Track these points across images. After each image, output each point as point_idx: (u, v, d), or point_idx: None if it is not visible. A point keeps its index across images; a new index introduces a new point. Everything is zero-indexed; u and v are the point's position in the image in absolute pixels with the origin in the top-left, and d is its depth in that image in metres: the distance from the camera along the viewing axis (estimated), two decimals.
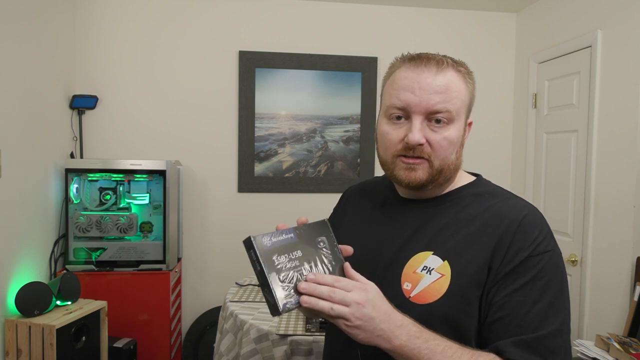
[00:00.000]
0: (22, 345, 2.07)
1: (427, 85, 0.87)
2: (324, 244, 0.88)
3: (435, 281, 0.86)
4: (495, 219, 0.88)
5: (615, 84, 2.36)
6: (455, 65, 0.91)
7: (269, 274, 0.77)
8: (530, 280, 0.83)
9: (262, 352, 1.80)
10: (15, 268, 2.22)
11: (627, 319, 2.12)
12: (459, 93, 0.89)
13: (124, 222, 2.57)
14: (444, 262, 0.87)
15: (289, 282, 0.79)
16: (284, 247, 0.82)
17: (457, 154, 0.92)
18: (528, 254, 0.84)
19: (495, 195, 0.94)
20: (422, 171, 0.89)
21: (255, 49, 3.08)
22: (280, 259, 0.80)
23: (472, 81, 0.95)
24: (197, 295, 3.12)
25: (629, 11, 2.29)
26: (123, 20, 2.97)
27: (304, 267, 0.82)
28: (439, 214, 0.93)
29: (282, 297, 0.77)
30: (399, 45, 3.24)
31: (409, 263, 0.90)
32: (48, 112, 2.57)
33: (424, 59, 0.89)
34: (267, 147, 3.14)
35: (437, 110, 0.86)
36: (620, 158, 2.32)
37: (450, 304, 0.84)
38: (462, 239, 0.88)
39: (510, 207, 0.90)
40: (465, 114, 0.93)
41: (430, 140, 0.87)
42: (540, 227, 0.87)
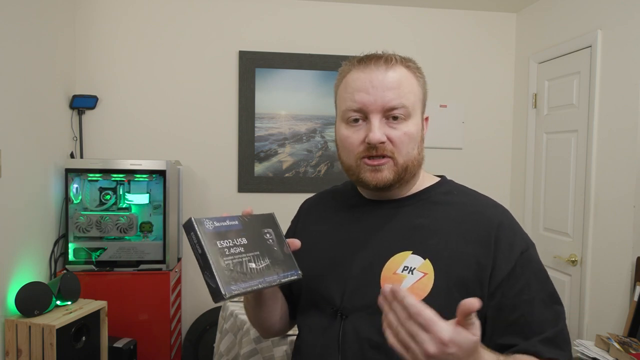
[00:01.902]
0: (22, 345, 2.07)
1: (379, 83, 0.87)
2: (270, 235, 0.85)
3: (419, 280, 0.84)
4: (475, 217, 0.90)
5: (615, 84, 2.36)
6: (403, 61, 0.91)
7: (211, 257, 0.73)
8: (530, 277, 0.85)
9: (262, 352, 1.80)
10: (15, 268, 2.22)
11: (627, 319, 2.12)
12: (412, 87, 0.90)
13: (124, 222, 2.56)
14: (426, 260, 0.86)
15: (234, 267, 0.75)
16: (228, 232, 0.78)
17: (419, 149, 0.92)
18: (521, 251, 0.86)
19: (464, 193, 0.96)
20: (388, 171, 0.88)
21: (255, 49, 3.08)
22: (224, 243, 0.76)
23: (422, 76, 0.94)
24: (197, 295, 3.12)
25: (629, 11, 2.29)
26: (123, 20, 2.97)
27: (249, 255, 0.79)
28: (411, 213, 0.93)
29: (225, 282, 0.72)
30: (399, 45, 3.23)
31: (387, 265, 0.87)
32: (48, 112, 2.57)
33: (373, 59, 0.90)
34: (267, 147, 3.14)
35: (393, 106, 0.87)
36: (620, 158, 2.32)
37: (436, 302, 0.78)
38: (440, 237, 0.88)
39: (484, 205, 0.93)
40: (421, 108, 0.93)
41: (391, 137, 0.87)
42: (516, 223, 0.92)
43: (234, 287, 0.73)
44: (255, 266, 0.79)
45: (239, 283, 0.74)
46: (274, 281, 0.81)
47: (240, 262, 0.77)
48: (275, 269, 0.82)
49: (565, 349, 0.85)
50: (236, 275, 0.75)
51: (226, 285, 0.73)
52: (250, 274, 0.77)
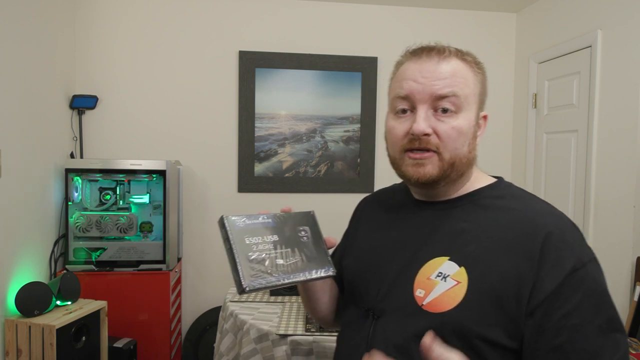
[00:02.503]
0: (22, 345, 2.07)
1: (429, 73, 0.83)
2: (305, 233, 0.86)
3: (451, 289, 0.79)
4: (523, 225, 0.80)
5: (615, 84, 2.36)
6: (459, 54, 0.87)
7: (237, 252, 0.76)
8: (582, 298, 0.74)
9: (262, 352, 1.80)
10: (15, 268, 2.22)
11: (627, 319, 2.12)
12: (466, 80, 0.84)
13: (124, 222, 2.56)
14: (461, 268, 0.80)
15: (258, 262, 0.77)
16: (259, 229, 0.80)
17: (470, 147, 0.85)
18: (572, 268, 0.75)
19: (519, 198, 0.87)
20: (432, 165, 0.83)
21: (255, 49, 3.08)
22: (252, 240, 0.78)
23: (481, 71, 0.89)
24: (197, 295, 3.12)
25: (629, 11, 2.29)
26: (123, 20, 2.97)
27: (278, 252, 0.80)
28: (456, 216, 0.87)
29: (248, 275, 0.75)
30: (399, 45, 3.22)
31: (422, 269, 0.83)
32: (48, 112, 2.57)
33: (426, 50, 0.87)
34: (267, 147, 3.14)
35: (443, 94, 0.82)
36: (620, 158, 2.32)
37: (465, 314, 0.76)
38: (482, 245, 0.81)
39: (538, 212, 0.82)
40: (477, 104, 0.86)
41: (437, 131, 0.82)
42: (577, 235, 0.79)
43: (256, 281, 0.76)
44: (283, 262, 0.81)
45: (263, 278, 0.77)
46: (302, 277, 0.82)
47: (267, 258, 0.79)
48: (306, 265, 0.83)
49: None
50: (261, 270, 0.77)
51: (248, 280, 0.76)
52: (276, 269, 0.79)
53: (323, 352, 1.69)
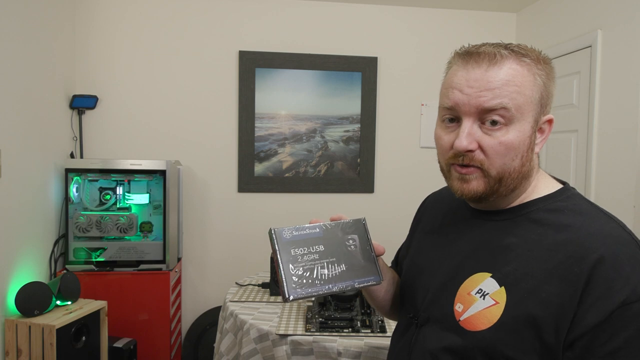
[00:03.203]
0: (22, 345, 2.07)
1: (475, 82, 0.76)
2: (353, 241, 0.85)
3: (488, 308, 0.75)
4: (573, 247, 0.72)
5: (615, 84, 2.36)
6: (516, 55, 0.78)
7: (282, 263, 0.79)
8: (633, 336, 0.66)
9: (262, 352, 1.80)
10: (15, 268, 2.22)
11: None
12: (521, 87, 0.75)
13: (124, 222, 2.56)
14: (501, 288, 0.75)
15: (303, 272, 0.80)
16: (305, 240, 0.82)
17: (523, 160, 0.77)
18: (623, 300, 0.66)
19: (578, 213, 0.77)
20: (477, 182, 0.78)
21: (255, 49, 3.08)
22: (298, 251, 0.81)
23: (543, 72, 0.79)
24: (197, 295, 3.12)
25: (629, 11, 2.29)
26: (123, 20, 2.97)
27: (323, 262, 0.82)
28: (505, 230, 0.81)
29: (292, 286, 0.78)
30: (399, 45, 3.24)
31: (465, 283, 0.80)
32: (48, 112, 2.57)
33: (474, 54, 0.78)
34: (267, 147, 3.14)
35: (490, 107, 0.74)
36: (620, 158, 2.32)
37: (498, 337, 0.73)
38: (525, 264, 0.75)
39: (596, 231, 0.73)
40: (535, 110, 0.77)
41: (483, 146, 0.76)
42: (630, 262, 0.69)
43: (299, 291, 0.79)
44: (327, 272, 0.82)
45: (305, 288, 0.79)
46: (346, 287, 0.83)
47: (312, 269, 0.81)
48: (351, 274, 0.84)
49: None
50: (304, 280, 0.80)
51: (291, 290, 0.79)
52: (320, 279, 0.82)
53: (323, 352, 1.69)
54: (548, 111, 0.80)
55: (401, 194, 3.24)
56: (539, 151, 0.81)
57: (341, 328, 1.73)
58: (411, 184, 3.23)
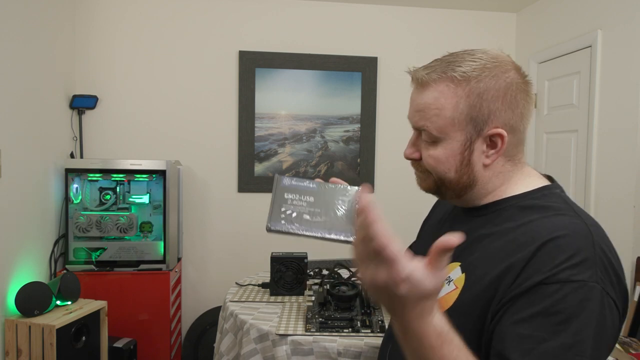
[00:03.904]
0: (22, 345, 2.07)
1: (412, 102, 0.87)
2: (342, 203, 0.90)
3: (448, 293, 0.81)
4: (526, 236, 0.76)
5: (615, 84, 2.36)
6: (445, 78, 0.81)
7: (274, 202, 0.86)
8: (541, 313, 0.68)
9: (263, 352, 1.80)
10: (15, 268, 2.22)
11: (627, 319, 2.12)
12: (441, 110, 0.81)
13: (124, 222, 2.56)
14: (462, 274, 0.82)
15: (289, 213, 0.87)
16: (300, 190, 0.89)
17: (461, 173, 0.83)
18: (542, 279, 0.69)
19: (546, 209, 0.80)
20: (427, 181, 0.90)
21: (255, 49, 3.08)
22: (290, 196, 0.88)
23: (486, 88, 0.82)
24: (197, 295, 3.12)
25: (629, 11, 2.29)
26: (123, 20, 2.97)
27: (308, 209, 0.89)
28: (480, 224, 0.87)
29: (275, 219, 0.85)
30: (399, 45, 3.24)
31: None
32: (48, 112, 2.57)
33: (413, 76, 0.86)
34: (267, 147, 3.14)
35: (419, 127, 0.85)
36: (620, 158, 2.32)
37: (451, 319, 0.72)
38: (484, 254, 0.81)
39: (551, 224, 0.76)
40: (464, 129, 0.81)
41: (422, 156, 0.88)
42: (576, 252, 0.71)
43: (279, 226, 0.86)
44: (309, 218, 0.89)
45: (286, 225, 0.87)
46: (320, 235, 0.89)
47: (298, 213, 0.89)
48: (328, 226, 0.91)
49: None
50: (287, 219, 0.87)
51: (273, 222, 0.86)
52: (300, 222, 0.89)
53: (323, 352, 1.69)
54: (496, 125, 0.82)
55: (401, 194, 3.24)
56: (490, 163, 0.83)
57: (341, 328, 1.73)
58: (411, 184, 3.20)
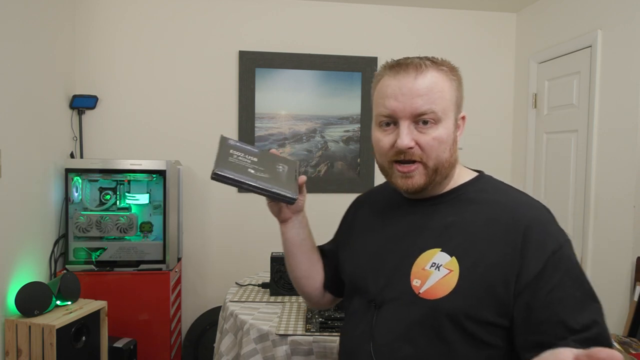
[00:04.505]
0: (22, 345, 2.07)
1: (408, 90, 0.89)
2: (282, 168, 0.98)
3: (444, 277, 0.87)
4: (505, 213, 0.89)
5: (615, 84, 2.36)
6: (436, 65, 0.91)
7: (219, 155, 0.94)
8: (563, 276, 0.83)
9: (262, 352, 1.80)
10: (15, 268, 2.22)
11: (627, 319, 2.12)
12: (443, 92, 0.90)
13: (124, 222, 2.56)
14: (452, 258, 0.88)
15: (234, 163, 0.93)
16: (245, 150, 0.97)
17: (451, 151, 0.93)
18: (552, 251, 0.84)
19: (500, 191, 0.96)
20: (419, 176, 0.91)
21: (255, 49, 3.08)
22: (235, 153, 0.95)
23: (457, 77, 0.94)
24: (197, 295, 3.12)
25: (629, 11, 2.29)
26: (123, 20, 2.97)
27: (252, 166, 0.95)
28: (444, 211, 0.95)
29: (221, 166, 0.92)
30: (399, 45, 3.24)
31: (417, 260, 0.91)
32: (48, 112, 2.57)
33: (403, 65, 0.91)
34: (267, 147, 3.14)
35: (422, 112, 0.88)
36: (620, 158, 2.32)
37: (458, 299, 0.85)
38: (469, 235, 0.89)
39: (518, 202, 0.92)
40: (454, 110, 0.93)
41: (419, 142, 0.90)
42: (551, 221, 0.89)
43: (226, 172, 0.90)
44: (253, 172, 0.95)
45: (232, 172, 0.91)
46: (264, 187, 0.95)
47: (242, 164, 0.94)
48: (272, 182, 0.97)
49: (605, 342, 0.82)
50: (232, 167, 0.93)
51: (219, 167, 0.89)
52: (245, 173, 0.94)
53: (323, 352, 1.69)
54: (461, 110, 0.97)
55: None
56: (459, 144, 0.96)
57: None
58: None
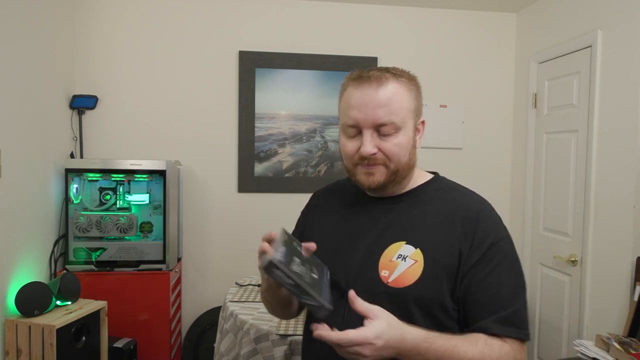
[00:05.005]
0: (22, 345, 2.07)
1: (370, 102, 0.97)
2: (315, 273, 0.95)
3: (410, 267, 0.97)
4: (458, 209, 1.02)
5: (615, 84, 2.36)
6: (396, 76, 1.00)
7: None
8: (498, 264, 0.97)
9: (262, 352, 1.81)
10: (15, 268, 2.22)
11: (627, 319, 2.12)
12: (402, 102, 0.98)
13: (124, 222, 2.56)
14: (417, 249, 0.98)
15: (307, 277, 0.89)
16: (292, 256, 0.90)
17: (410, 155, 1.02)
18: (491, 242, 0.98)
19: (454, 189, 1.08)
20: (380, 174, 1.00)
21: (255, 49, 3.08)
22: (295, 267, 0.89)
23: (415, 87, 1.03)
24: (197, 295, 3.12)
25: (629, 11, 2.29)
26: (123, 20, 2.97)
27: (310, 270, 0.92)
28: (407, 208, 1.05)
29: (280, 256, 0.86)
30: (399, 45, 3.24)
31: (384, 253, 1.00)
32: (48, 112, 2.57)
33: (365, 77, 0.99)
34: (267, 147, 3.14)
35: (383, 122, 0.97)
36: (620, 158, 2.32)
37: (425, 286, 0.96)
38: (430, 229, 1.00)
39: (469, 199, 1.05)
40: (413, 118, 1.02)
41: (382, 148, 0.98)
42: (495, 217, 1.03)
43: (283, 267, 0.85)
44: (316, 275, 0.94)
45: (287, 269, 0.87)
46: (308, 292, 0.89)
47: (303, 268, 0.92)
48: (313, 288, 0.92)
49: (522, 327, 0.95)
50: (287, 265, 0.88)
51: (277, 257, 0.85)
52: (302, 275, 0.91)
53: None
54: (421, 115, 1.06)
55: None
56: (419, 147, 1.06)
57: None
58: None
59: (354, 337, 0.80)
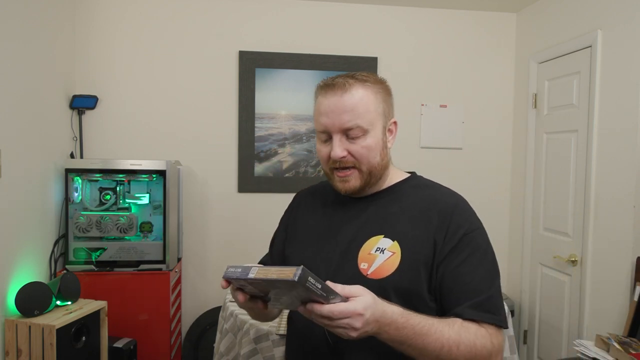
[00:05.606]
0: (22, 345, 2.07)
1: (336, 108, 1.02)
2: None
3: (388, 258, 1.02)
4: (434, 203, 1.07)
5: (615, 84, 2.36)
6: (361, 81, 1.04)
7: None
8: (470, 254, 1.01)
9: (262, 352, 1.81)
10: (15, 268, 2.22)
11: (627, 319, 2.12)
12: (367, 106, 1.03)
13: (124, 222, 2.56)
14: (394, 242, 1.03)
15: None
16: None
17: (382, 155, 1.07)
18: (464, 232, 1.02)
19: (429, 186, 1.14)
20: (354, 179, 1.06)
21: (255, 49, 3.08)
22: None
23: (383, 89, 1.08)
24: (197, 295, 3.12)
25: (629, 11, 2.29)
26: (123, 20, 2.97)
27: None
28: (384, 205, 1.10)
29: None
30: (399, 45, 3.24)
31: (363, 246, 1.05)
32: (48, 112, 2.57)
33: (331, 85, 1.04)
34: (267, 147, 3.14)
35: (349, 127, 1.02)
36: (620, 158, 2.32)
37: (402, 276, 1.00)
38: (407, 222, 1.05)
39: (444, 194, 1.11)
40: (382, 121, 1.07)
41: (351, 151, 1.04)
42: (469, 210, 1.08)
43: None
44: None
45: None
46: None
47: None
48: None
49: (496, 312, 0.99)
50: None
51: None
52: None
53: None
54: (392, 116, 1.11)
55: None
56: (391, 147, 1.11)
57: None
58: None
59: (345, 309, 0.82)
